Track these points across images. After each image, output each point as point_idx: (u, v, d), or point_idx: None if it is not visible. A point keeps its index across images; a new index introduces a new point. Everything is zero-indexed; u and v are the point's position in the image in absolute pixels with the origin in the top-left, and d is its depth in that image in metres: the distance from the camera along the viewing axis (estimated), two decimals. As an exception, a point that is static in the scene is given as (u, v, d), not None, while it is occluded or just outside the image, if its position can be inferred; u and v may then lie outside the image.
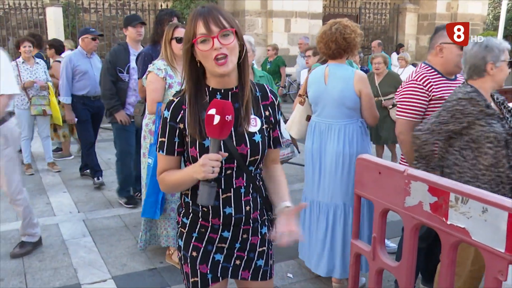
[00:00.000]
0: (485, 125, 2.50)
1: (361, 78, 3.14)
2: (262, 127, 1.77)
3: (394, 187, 2.29)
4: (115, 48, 4.75)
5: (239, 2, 12.41)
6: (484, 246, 1.87)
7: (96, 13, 13.74)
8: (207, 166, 1.59)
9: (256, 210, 1.85)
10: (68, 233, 4.25)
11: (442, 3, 15.53)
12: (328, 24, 3.18)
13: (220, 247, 1.84)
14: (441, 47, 2.86)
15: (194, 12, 1.66)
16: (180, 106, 1.74)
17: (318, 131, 3.25)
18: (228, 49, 1.62)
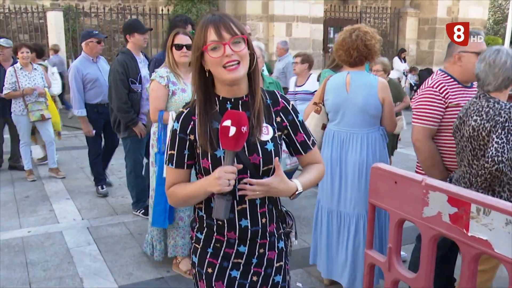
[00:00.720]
0: None
1: (384, 85, 3.11)
2: (274, 135, 1.73)
3: (411, 197, 2.25)
4: (123, 57, 4.52)
5: (240, 6, 12.39)
6: (507, 259, 1.82)
7: (97, 17, 13.71)
8: (222, 179, 1.54)
9: (272, 222, 1.80)
10: (73, 241, 4.20)
11: (442, 8, 15.52)
12: (347, 31, 3.12)
13: (236, 262, 1.78)
14: (460, 55, 2.82)
15: (204, 20, 1.62)
16: (189, 117, 1.70)
17: (338, 140, 3.19)
18: (239, 56, 1.58)
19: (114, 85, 4.46)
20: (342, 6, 16.40)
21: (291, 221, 1.89)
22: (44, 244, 4.12)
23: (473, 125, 2.49)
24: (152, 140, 3.61)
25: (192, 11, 11.64)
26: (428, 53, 15.94)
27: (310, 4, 12.81)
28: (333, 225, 3.26)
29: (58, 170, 6.25)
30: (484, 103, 2.52)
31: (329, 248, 3.31)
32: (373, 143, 3.12)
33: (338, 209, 3.22)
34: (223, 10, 12.63)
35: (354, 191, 3.13)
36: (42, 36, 13.33)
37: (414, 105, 2.91)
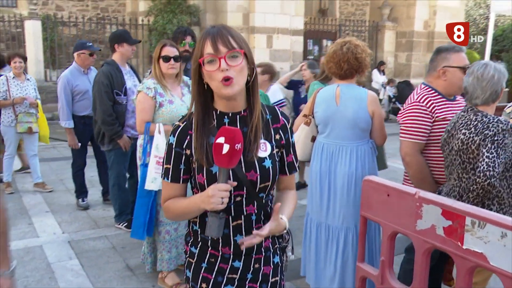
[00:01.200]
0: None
1: (374, 98, 3.12)
2: (272, 152, 1.70)
3: (405, 210, 2.25)
4: (108, 68, 4.43)
5: (221, 18, 12.39)
6: (503, 271, 1.83)
7: (75, 27, 13.57)
8: (216, 197, 1.51)
9: (268, 238, 1.77)
10: (54, 255, 4.08)
11: (419, 22, 15.81)
12: (338, 43, 3.13)
13: (231, 278, 1.75)
14: (445, 70, 2.86)
15: (204, 31, 1.61)
16: (186, 132, 1.67)
17: (327, 153, 3.18)
18: (235, 71, 1.55)
19: (98, 97, 4.37)
20: (321, 19, 16.59)
21: (287, 235, 1.87)
22: (24, 259, 3.99)
23: (462, 138, 2.51)
24: (138, 152, 3.55)
25: (173, 21, 11.58)
26: (405, 65, 16.20)
27: (290, 16, 12.91)
28: (322, 237, 3.24)
29: (44, 184, 6.07)
30: (472, 116, 2.55)
31: (317, 261, 3.29)
32: (363, 156, 3.12)
33: (327, 222, 3.21)
34: (204, 22, 12.63)
35: (343, 204, 3.13)
36: (19, 46, 13.10)
37: (401, 120, 2.93)
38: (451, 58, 2.86)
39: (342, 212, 3.13)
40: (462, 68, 2.83)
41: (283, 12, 12.68)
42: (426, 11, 15.82)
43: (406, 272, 2.93)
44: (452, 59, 2.86)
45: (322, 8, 19.23)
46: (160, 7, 12.07)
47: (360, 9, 21.19)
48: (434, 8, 15.71)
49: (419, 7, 15.69)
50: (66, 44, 13.59)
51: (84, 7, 16.44)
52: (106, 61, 4.59)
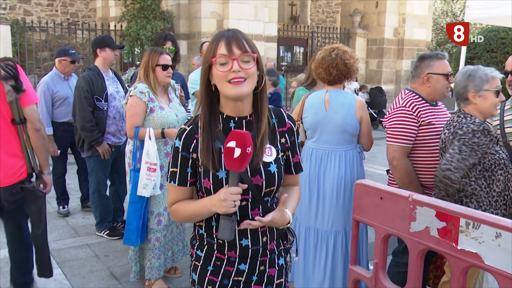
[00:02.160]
0: (495, 153, 2.56)
1: (362, 104, 3.19)
2: (277, 157, 1.73)
3: (398, 213, 2.30)
4: (88, 74, 4.36)
5: (195, 24, 12.39)
6: (498, 270, 1.90)
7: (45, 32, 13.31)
8: (228, 201, 1.54)
9: (272, 240, 1.80)
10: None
11: (389, 29, 16.16)
12: (326, 50, 3.19)
13: (237, 280, 1.77)
14: (428, 77, 2.94)
15: (217, 33, 1.62)
16: (192, 135, 1.68)
17: (316, 158, 3.22)
18: (246, 74, 1.57)
19: (78, 102, 4.32)
20: (293, 26, 16.76)
21: (292, 237, 1.89)
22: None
23: (443, 137, 2.66)
24: (128, 159, 3.51)
25: (147, 27, 11.51)
26: (376, 72, 16.51)
27: (264, 23, 13.01)
28: (310, 242, 3.28)
29: None
30: (455, 118, 2.68)
31: (306, 265, 3.32)
32: (351, 160, 3.18)
33: (316, 226, 3.24)
34: (178, 28, 12.60)
35: (332, 208, 3.17)
36: (-14, 51, 12.76)
37: (388, 124, 3.00)
38: (435, 65, 2.95)
39: (331, 216, 3.17)
40: (445, 75, 2.93)
41: (257, 18, 12.77)
42: (396, 19, 16.19)
43: (394, 274, 3.00)
44: (435, 66, 2.95)
45: (294, 15, 19.45)
46: (133, 13, 11.97)
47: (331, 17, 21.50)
48: (403, 16, 16.10)
49: (389, 15, 16.04)
50: (35, 50, 13.34)
51: (53, 12, 16.19)
52: (87, 67, 4.53)
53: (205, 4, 12.06)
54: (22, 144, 2.96)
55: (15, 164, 2.92)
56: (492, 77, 2.65)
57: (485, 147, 2.54)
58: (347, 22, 17.37)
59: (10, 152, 2.92)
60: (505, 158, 2.56)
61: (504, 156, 2.57)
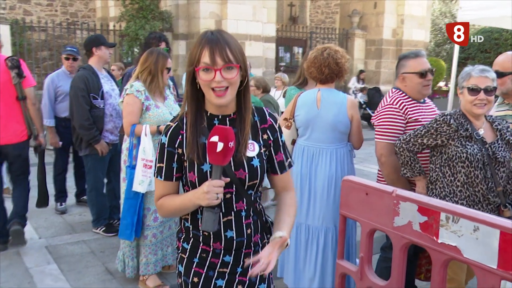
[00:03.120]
0: (459, 146, 2.65)
1: (353, 103, 3.26)
2: (260, 151, 1.79)
3: (382, 208, 2.36)
4: (83, 73, 4.43)
5: (194, 24, 12.44)
6: (476, 263, 1.96)
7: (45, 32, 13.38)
8: (211, 193, 1.59)
9: (257, 233, 1.85)
10: (31, 260, 4.05)
11: (388, 30, 16.21)
12: (318, 49, 3.26)
13: (222, 272, 1.82)
14: (403, 76, 3.04)
15: (203, 37, 1.65)
16: (178, 132, 1.74)
17: (307, 155, 3.28)
18: (229, 83, 1.63)
19: (75, 101, 4.37)
20: (292, 26, 16.82)
21: None
22: (1, 265, 3.95)
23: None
24: (124, 156, 3.58)
25: (146, 27, 11.56)
26: (375, 72, 16.56)
27: (262, 23, 13.05)
28: (301, 238, 3.34)
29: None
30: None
31: (297, 261, 3.38)
32: (342, 158, 3.25)
33: (307, 223, 3.30)
34: (176, 28, 12.64)
35: (323, 204, 3.23)
36: (-14, 50, 12.82)
37: (376, 122, 3.07)
38: (407, 64, 3.05)
39: (322, 212, 3.24)
40: (419, 73, 2.99)
41: (255, 19, 12.82)
42: (394, 19, 16.24)
43: (382, 269, 3.06)
44: (408, 66, 3.04)
45: (293, 15, 19.50)
46: (132, 13, 12.03)
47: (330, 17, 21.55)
48: (402, 17, 16.14)
49: (388, 15, 16.09)
50: (35, 49, 13.39)
51: (53, 12, 16.23)
52: (81, 66, 4.60)
53: (203, 5, 12.11)
54: (24, 115, 4.13)
55: (19, 128, 4.13)
56: (470, 75, 2.71)
57: (446, 135, 2.67)
58: (346, 23, 17.42)
59: (15, 120, 4.10)
60: (471, 154, 2.61)
61: (473, 153, 2.61)
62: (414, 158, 2.83)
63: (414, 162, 2.83)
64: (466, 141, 2.65)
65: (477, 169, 2.64)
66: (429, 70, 3.01)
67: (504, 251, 1.85)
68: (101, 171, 4.65)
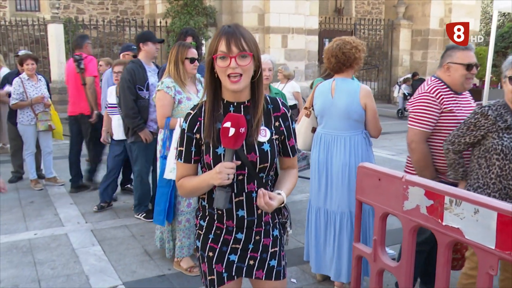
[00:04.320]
0: (496, 138, 2.64)
1: (366, 92, 3.34)
2: (271, 137, 1.94)
3: (393, 193, 2.47)
4: (131, 66, 4.73)
5: (237, 19, 12.67)
6: (476, 244, 2.04)
7: (96, 29, 14.00)
8: (223, 174, 1.77)
9: (267, 213, 2.01)
10: (78, 242, 4.39)
11: (435, 20, 15.88)
12: (333, 41, 3.41)
13: (235, 248, 2.00)
14: (449, 66, 3.02)
15: (221, 29, 1.84)
16: (196, 119, 1.92)
17: (324, 142, 3.42)
18: (243, 70, 1.79)
19: (122, 91, 4.69)
20: (336, 18, 16.75)
21: (286, 212, 2.11)
22: (51, 245, 4.31)
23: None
24: (159, 146, 3.82)
25: (190, 23, 11.91)
26: (421, 63, 16.27)
27: (305, 16, 13.12)
28: (321, 222, 3.48)
29: (56, 179, 6.42)
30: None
31: (317, 244, 3.53)
32: (356, 145, 3.34)
33: (325, 207, 3.44)
34: (220, 23, 12.92)
35: (338, 190, 3.35)
36: (42, 48, 13.58)
37: (411, 109, 3.10)
38: (455, 55, 3.02)
39: (338, 197, 3.36)
40: (465, 65, 2.97)
41: (298, 12, 12.91)
42: (442, 9, 15.88)
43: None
44: (456, 56, 3.01)
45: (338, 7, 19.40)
46: (177, 9, 12.40)
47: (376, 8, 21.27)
48: (450, 5, 15.76)
49: (434, 5, 15.75)
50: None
51: (104, 10, 16.91)
52: (131, 60, 4.92)
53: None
54: (86, 96, 5.93)
55: (84, 105, 5.98)
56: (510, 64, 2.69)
57: (484, 128, 2.65)
58: (391, 13, 17.18)
59: (82, 98, 5.96)
60: (506, 146, 2.60)
61: (509, 145, 2.60)
62: (459, 161, 2.84)
63: (459, 166, 2.85)
64: (504, 133, 2.63)
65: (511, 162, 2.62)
66: (475, 64, 3.00)
67: (502, 232, 1.93)
68: (146, 159, 4.90)
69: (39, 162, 6.60)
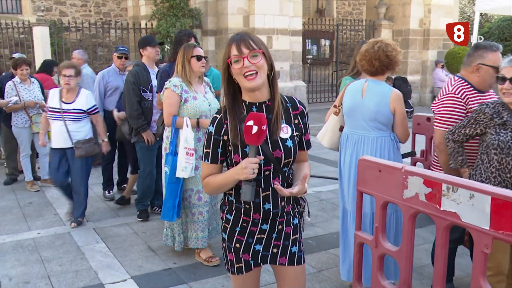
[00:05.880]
0: (494, 133, 2.83)
1: (397, 96, 3.33)
2: (293, 134, 2.11)
3: (393, 182, 2.67)
4: (136, 69, 4.89)
5: (222, 20, 12.82)
6: (472, 226, 2.25)
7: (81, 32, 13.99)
8: (248, 168, 1.93)
9: (289, 204, 2.19)
10: (82, 240, 4.51)
11: (415, 20, 16.23)
12: (370, 43, 3.38)
13: (260, 238, 2.17)
14: (478, 67, 3.09)
15: (230, 38, 2.02)
16: (222, 122, 2.08)
17: (351, 142, 3.46)
18: (256, 67, 1.96)
19: (126, 93, 4.85)
20: (319, 19, 17.01)
21: (303, 202, 2.29)
22: (55, 244, 4.42)
23: None
24: (165, 144, 3.96)
25: (176, 25, 12.01)
26: (402, 63, 16.58)
27: (289, 17, 13.32)
28: (350, 225, 3.53)
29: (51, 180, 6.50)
30: None
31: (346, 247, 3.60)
32: (383, 146, 3.36)
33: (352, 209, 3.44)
34: (205, 25, 13.05)
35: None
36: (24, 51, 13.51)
37: (437, 110, 3.21)
38: (487, 57, 3.06)
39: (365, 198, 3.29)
40: (496, 68, 3.01)
41: (282, 13, 13.10)
42: (421, 9, 16.24)
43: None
44: (487, 58, 3.06)
45: (320, 8, 19.67)
46: (163, 11, 12.49)
47: (357, 9, 21.61)
48: (429, 6, 16.13)
49: (414, 5, 16.10)
50: (70, 49, 14.01)
51: (87, 13, 16.88)
52: (136, 63, 5.09)
53: (231, 1, 12.48)
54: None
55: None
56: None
57: (483, 123, 2.84)
58: (372, 14, 17.50)
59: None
60: (503, 141, 2.77)
61: (505, 140, 2.76)
62: (458, 150, 2.98)
63: (457, 154, 2.99)
64: (500, 128, 2.80)
65: (508, 156, 2.77)
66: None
67: (495, 214, 2.14)
68: (150, 161, 5.01)
69: (34, 163, 6.69)
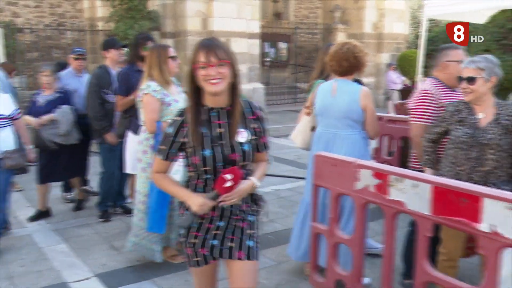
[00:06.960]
0: (453, 129, 3.05)
1: (366, 94, 3.49)
2: (250, 138, 2.24)
3: (346, 176, 2.87)
4: (97, 71, 4.91)
5: (181, 23, 12.85)
6: (416, 212, 2.47)
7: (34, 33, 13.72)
8: (202, 207, 2.11)
9: (245, 203, 2.31)
10: (43, 241, 4.51)
11: (369, 24, 16.78)
12: (339, 44, 3.55)
13: (216, 233, 2.29)
14: (446, 64, 3.37)
15: (199, 42, 2.13)
16: (182, 125, 2.19)
17: (323, 141, 3.59)
18: (222, 76, 2.09)
19: (89, 95, 4.87)
20: (276, 22, 17.29)
21: (262, 202, 2.42)
22: (16, 245, 4.40)
23: None
24: (144, 147, 3.84)
25: (135, 27, 11.96)
26: (357, 65, 17.08)
27: (246, 20, 13.50)
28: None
29: (14, 184, 6.41)
30: None
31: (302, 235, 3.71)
32: (353, 144, 3.51)
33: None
34: (164, 27, 13.05)
35: None
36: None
37: (412, 106, 3.43)
38: (451, 54, 3.36)
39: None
40: (459, 62, 3.23)
41: (240, 16, 13.27)
42: (375, 13, 16.81)
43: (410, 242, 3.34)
44: (451, 55, 3.35)
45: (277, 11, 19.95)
46: (121, 13, 12.42)
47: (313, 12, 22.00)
48: (382, 11, 16.72)
49: (368, 10, 16.65)
50: (24, 51, 13.71)
51: (41, 14, 16.49)
52: (98, 66, 5.11)
53: (190, 3, 12.54)
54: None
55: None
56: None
57: (447, 120, 3.07)
58: (328, 18, 17.95)
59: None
60: (456, 136, 2.99)
61: (458, 135, 2.97)
62: (427, 149, 3.18)
63: (425, 153, 3.20)
64: (458, 125, 3.01)
65: (463, 150, 2.96)
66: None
67: (436, 200, 2.36)
68: (112, 162, 5.03)
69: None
